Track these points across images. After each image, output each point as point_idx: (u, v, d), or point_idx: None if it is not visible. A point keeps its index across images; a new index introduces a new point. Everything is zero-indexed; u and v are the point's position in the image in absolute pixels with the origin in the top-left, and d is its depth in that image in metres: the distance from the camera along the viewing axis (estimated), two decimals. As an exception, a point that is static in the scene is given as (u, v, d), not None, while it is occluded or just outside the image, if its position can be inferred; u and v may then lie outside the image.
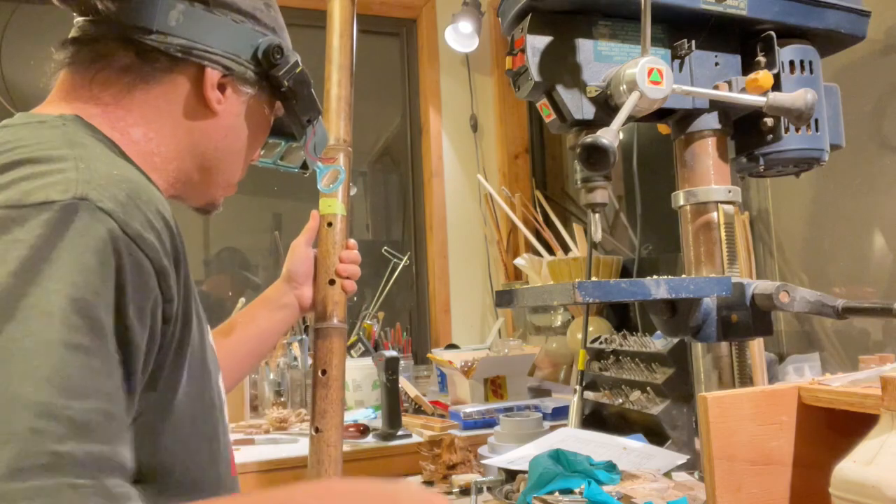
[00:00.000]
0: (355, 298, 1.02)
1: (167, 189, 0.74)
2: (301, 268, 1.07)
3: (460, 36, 2.55)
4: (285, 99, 0.80)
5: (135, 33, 0.69)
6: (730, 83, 0.94)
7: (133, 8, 0.69)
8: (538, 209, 2.56)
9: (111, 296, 0.51)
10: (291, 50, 0.81)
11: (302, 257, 1.08)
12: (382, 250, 2.39)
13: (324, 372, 0.98)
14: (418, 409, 1.90)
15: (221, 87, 0.74)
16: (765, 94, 0.90)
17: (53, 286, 0.47)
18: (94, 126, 0.67)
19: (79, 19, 0.72)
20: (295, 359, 2.05)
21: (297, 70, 0.78)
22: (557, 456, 1.07)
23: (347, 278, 1.08)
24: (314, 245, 1.10)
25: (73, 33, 0.71)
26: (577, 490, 0.99)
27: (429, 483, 1.34)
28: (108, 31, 0.69)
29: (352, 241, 1.11)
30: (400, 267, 2.35)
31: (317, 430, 0.93)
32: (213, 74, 0.73)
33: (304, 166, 0.95)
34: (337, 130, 0.98)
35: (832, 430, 0.70)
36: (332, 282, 1.05)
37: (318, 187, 1.01)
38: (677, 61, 0.94)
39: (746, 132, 0.99)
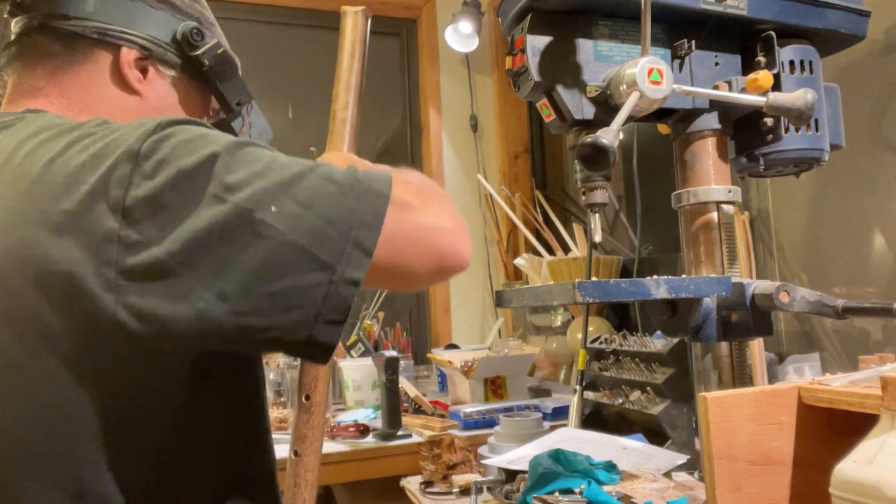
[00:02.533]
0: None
1: None
2: None
3: (460, 36, 2.55)
4: (209, 80, 0.82)
5: (54, 20, 0.74)
6: (730, 83, 0.94)
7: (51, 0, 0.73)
8: (538, 209, 2.56)
9: None
10: (218, 36, 0.84)
11: None
12: (382, 250, 2.38)
13: (307, 398, 0.98)
14: (418, 409, 1.90)
15: (143, 70, 0.78)
16: (765, 94, 0.89)
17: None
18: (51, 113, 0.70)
19: (12, 20, 0.76)
20: (295, 359, 2.05)
21: (219, 51, 0.81)
22: (557, 456, 1.07)
23: None
24: None
25: (10, 37, 0.76)
26: (577, 490, 0.99)
27: (429, 483, 1.34)
28: (30, 24, 0.75)
29: None
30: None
31: (296, 453, 0.93)
32: (128, 53, 0.76)
33: None
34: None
35: (832, 430, 0.70)
36: None
37: None
38: (677, 61, 0.94)
39: (746, 132, 0.99)
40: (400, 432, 1.69)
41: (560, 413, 1.73)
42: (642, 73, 0.82)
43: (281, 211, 0.56)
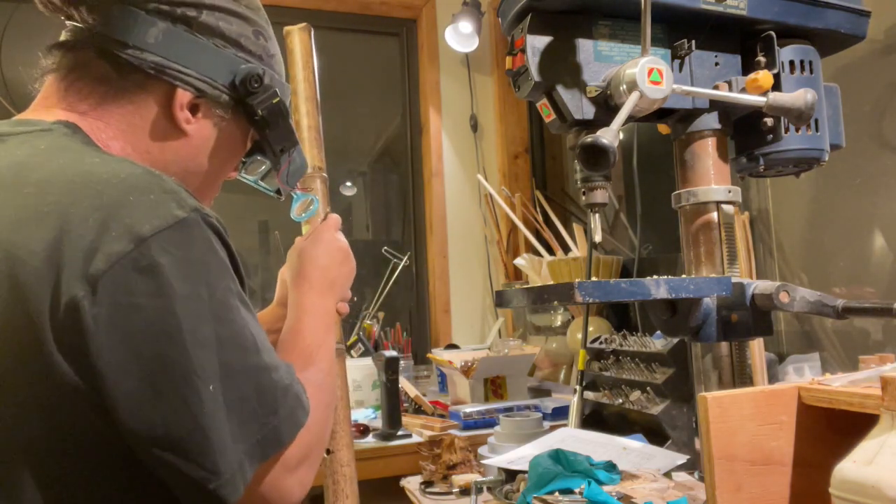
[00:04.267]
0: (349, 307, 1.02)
1: None
2: None
3: (460, 36, 2.55)
4: (259, 128, 0.80)
5: (112, 46, 0.70)
6: (730, 83, 0.94)
7: (113, 21, 0.70)
8: (538, 209, 2.56)
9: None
10: (278, 79, 0.82)
11: None
12: (382, 250, 2.39)
13: (328, 452, 0.99)
14: (418, 409, 1.90)
15: (194, 108, 0.75)
16: (765, 94, 0.89)
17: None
18: (84, 131, 0.68)
19: (68, 23, 0.73)
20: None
21: (274, 101, 0.78)
22: (557, 456, 1.07)
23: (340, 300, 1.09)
24: None
25: (60, 38, 0.72)
26: (577, 490, 0.99)
27: (429, 483, 1.34)
28: (87, 40, 0.71)
29: None
30: (400, 267, 2.35)
31: (328, 451, 0.94)
32: (183, 95, 0.73)
33: (280, 191, 0.95)
34: (312, 158, 1.00)
35: (832, 430, 0.70)
36: None
37: (291, 215, 1.02)
38: (677, 61, 0.94)
39: (746, 132, 0.99)
40: (400, 432, 1.69)
41: (560, 413, 1.73)
42: (642, 73, 0.82)
43: (213, 394, 0.58)
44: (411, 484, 1.37)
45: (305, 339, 0.80)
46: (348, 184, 2.79)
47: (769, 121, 0.95)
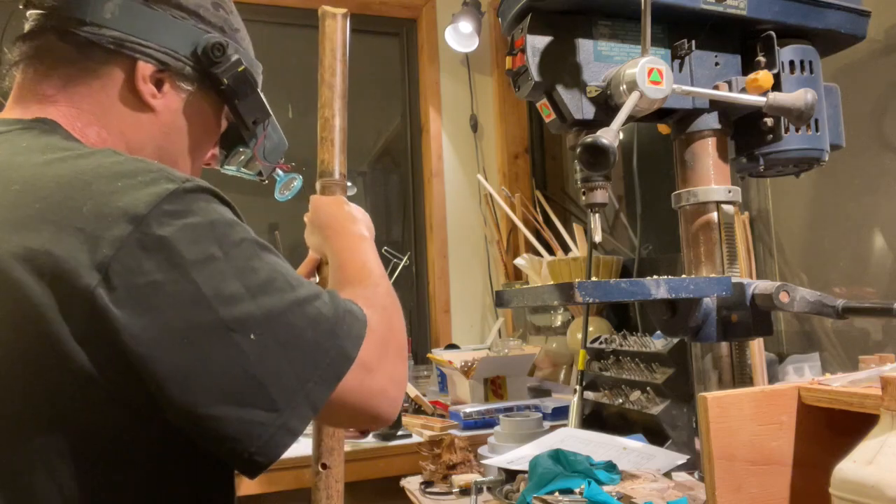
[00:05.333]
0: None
1: None
2: None
3: (460, 36, 2.55)
4: (227, 98, 0.80)
5: (70, 24, 0.70)
6: (730, 83, 0.94)
7: (68, 1, 0.70)
8: (538, 209, 2.56)
9: None
10: (244, 51, 0.81)
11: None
12: (383, 250, 2.39)
13: (324, 466, 1.00)
14: (418, 409, 1.90)
15: (159, 83, 0.75)
16: (765, 94, 0.90)
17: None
18: (62, 127, 0.69)
19: (28, 13, 0.73)
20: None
21: (239, 69, 0.78)
22: (557, 456, 1.07)
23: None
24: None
25: (24, 29, 0.73)
26: (577, 490, 0.99)
27: (429, 483, 1.34)
28: (46, 24, 0.71)
29: None
30: (400, 267, 2.35)
31: (324, 465, 0.94)
32: (145, 67, 0.73)
33: (262, 173, 0.94)
34: (342, 165, 0.97)
35: (832, 430, 0.70)
36: None
37: (276, 196, 0.99)
38: (677, 61, 0.94)
39: (746, 132, 0.99)
40: (400, 432, 1.69)
41: (560, 413, 1.73)
42: (642, 73, 0.82)
43: (258, 342, 0.57)
44: (411, 484, 1.37)
45: (357, 262, 0.81)
46: (348, 184, 2.79)
47: (769, 121, 0.95)
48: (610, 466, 1.08)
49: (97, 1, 0.70)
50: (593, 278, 1.89)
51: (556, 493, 1.00)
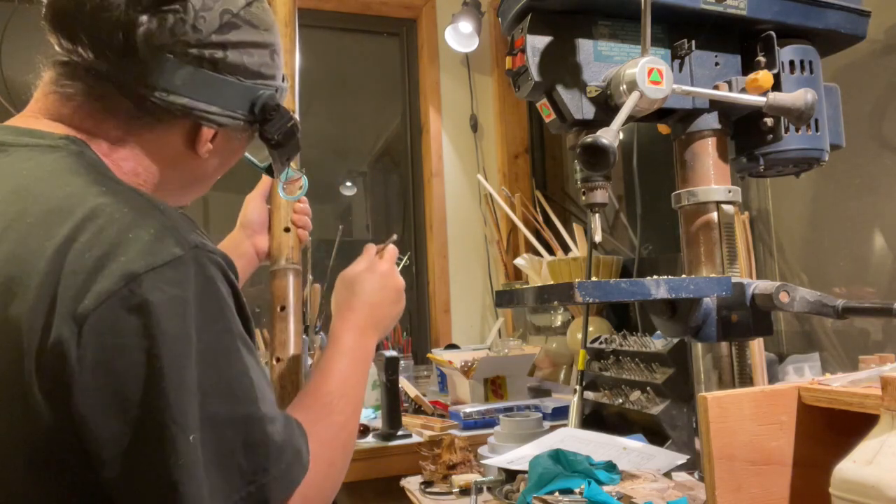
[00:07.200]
0: (309, 249, 1.07)
1: None
2: (256, 217, 1.11)
3: (460, 36, 2.55)
4: (272, 147, 0.81)
5: (137, 87, 0.68)
6: (730, 83, 0.94)
7: (139, 65, 0.67)
8: (538, 209, 2.56)
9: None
10: (283, 86, 0.80)
11: (257, 208, 1.12)
12: (382, 250, 2.38)
13: (283, 308, 1.05)
14: (418, 409, 1.90)
15: (213, 137, 0.75)
16: (765, 94, 0.90)
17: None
18: (92, 149, 0.67)
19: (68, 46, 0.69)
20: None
21: (289, 124, 0.79)
22: (557, 456, 1.07)
23: (301, 227, 1.12)
24: (268, 201, 1.14)
25: (65, 56, 0.69)
26: (577, 490, 0.99)
27: (429, 483, 1.34)
28: (104, 73, 0.68)
29: (303, 197, 1.14)
30: (400, 267, 2.34)
31: (278, 359, 0.99)
32: (208, 132, 0.73)
33: (270, 171, 0.96)
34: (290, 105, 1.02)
35: (832, 430, 0.70)
36: (287, 229, 1.11)
37: (280, 194, 1.06)
38: (677, 61, 0.94)
39: (746, 132, 0.99)
40: (400, 432, 1.68)
41: (560, 413, 1.73)
42: (642, 73, 0.82)
43: (192, 445, 0.54)
44: (411, 484, 1.37)
45: (330, 385, 0.77)
46: (348, 184, 2.79)
47: (769, 121, 0.95)
48: (610, 466, 1.08)
49: (170, 69, 0.68)
50: (593, 278, 1.89)
51: (556, 493, 1.00)
